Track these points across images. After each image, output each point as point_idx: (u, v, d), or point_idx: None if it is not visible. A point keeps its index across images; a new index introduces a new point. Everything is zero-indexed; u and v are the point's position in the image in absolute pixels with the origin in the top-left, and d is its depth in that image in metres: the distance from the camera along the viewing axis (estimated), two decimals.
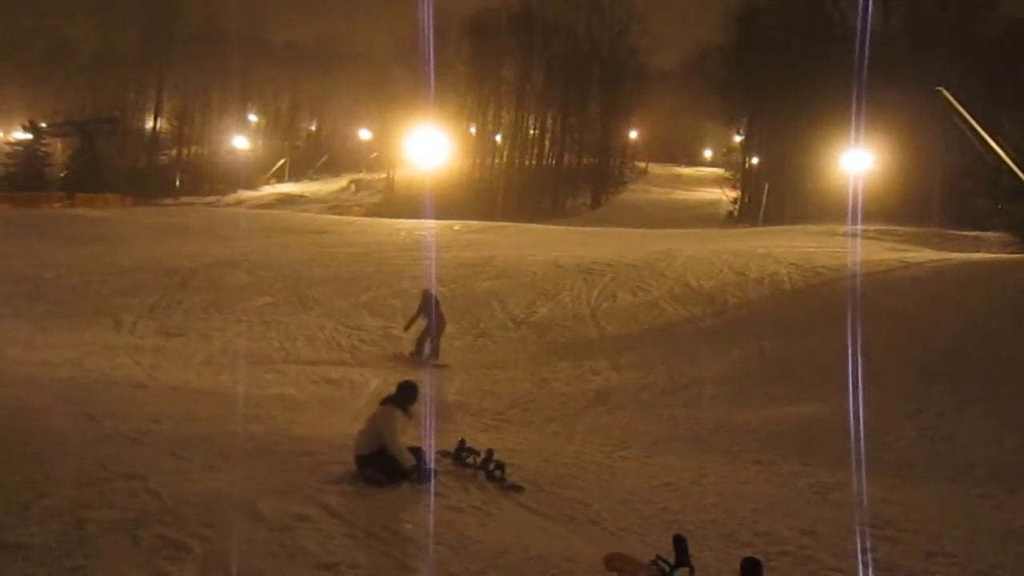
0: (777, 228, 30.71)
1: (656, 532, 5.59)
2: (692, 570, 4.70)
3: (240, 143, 60.28)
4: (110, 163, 51.50)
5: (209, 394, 10.26)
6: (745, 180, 51.63)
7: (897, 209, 32.55)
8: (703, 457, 8.59)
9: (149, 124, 62.44)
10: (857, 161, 30.34)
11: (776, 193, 44.78)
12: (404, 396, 6.92)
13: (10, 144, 52.56)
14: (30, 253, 21.21)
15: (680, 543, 4.81)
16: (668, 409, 10.71)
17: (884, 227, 27.45)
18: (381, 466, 6.24)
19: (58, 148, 53.10)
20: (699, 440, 9.35)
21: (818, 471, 7.97)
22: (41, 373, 10.60)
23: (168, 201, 49.01)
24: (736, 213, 48.74)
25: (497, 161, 58.42)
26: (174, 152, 61.31)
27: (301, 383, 11.33)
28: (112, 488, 5.64)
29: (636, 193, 57.53)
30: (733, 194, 51.62)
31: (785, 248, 20.06)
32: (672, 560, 4.74)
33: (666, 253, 19.40)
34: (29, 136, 51.46)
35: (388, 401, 6.91)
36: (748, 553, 4.76)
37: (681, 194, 57.20)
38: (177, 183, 56.55)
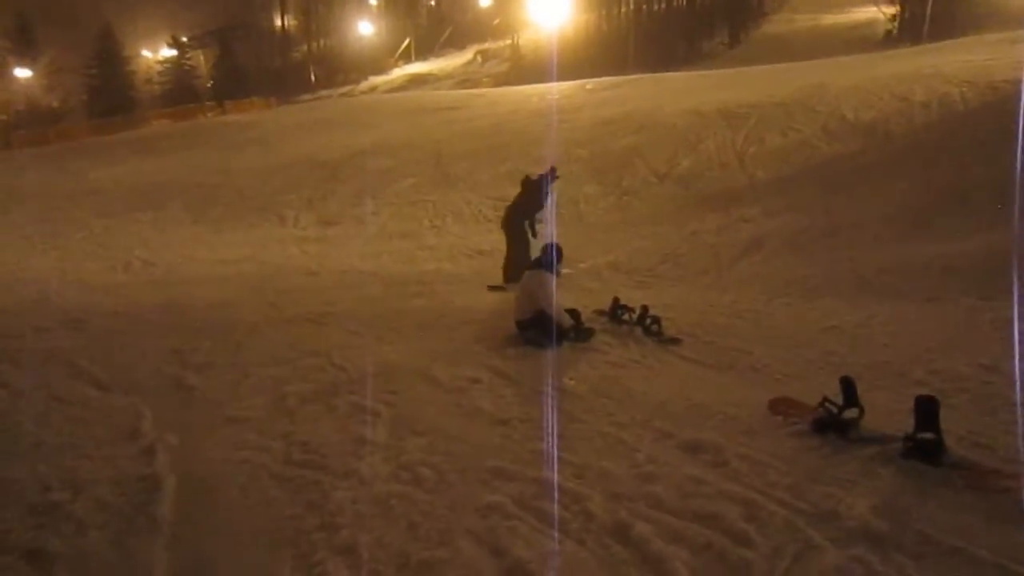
0: (946, 43, 27.38)
1: (822, 376, 5.50)
2: (862, 411, 4.63)
3: (365, 29, 60.65)
4: (249, 67, 53.62)
5: (373, 275, 10.94)
6: None
7: None
8: (870, 299, 8.23)
9: (277, 23, 63.83)
10: None
11: (943, 1, 39.67)
12: (551, 257, 7.06)
13: (160, 63, 55.90)
14: (195, 162, 22.93)
15: (848, 384, 4.73)
16: (828, 252, 10.25)
17: None
18: (541, 328, 6.49)
19: (201, 60, 55.82)
20: (864, 282, 8.92)
21: (999, 305, 7.42)
22: (226, 269, 11.71)
23: (307, 97, 50.65)
24: (895, 31, 43.80)
25: (624, 9, 55.23)
26: (305, 48, 62.63)
27: (455, 257, 11.81)
28: (303, 365, 6.27)
29: (778, 24, 52.91)
30: (891, 10, 46.22)
31: (956, 64, 17.93)
32: (840, 402, 4.69)
33: (817, 86, 17.95)
34: (175, 52, 54.45)
35: (537, 264, 7.08)
36: (923, 391, 4.61)
37: (830, 18, 51.95)
38: (312, 78, 58.09)
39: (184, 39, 55.81)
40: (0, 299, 9.84)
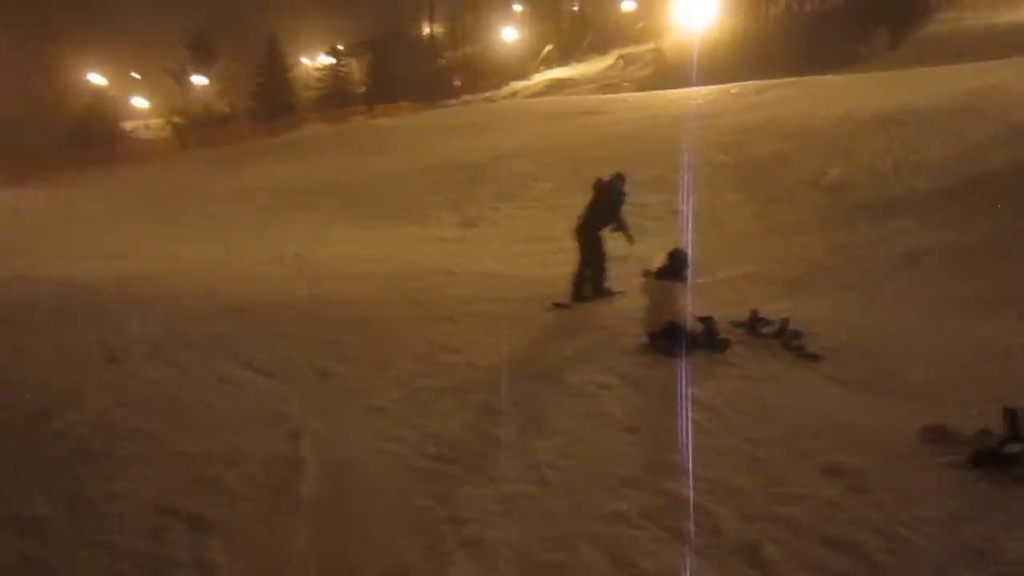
0: None
1: (983, 405, 5.06)
2: None
3: (508, 35, 61.82)
4: (398, 73, 55.95)
5: (508, 277, 11.12)
6: None
7: None
8: None
9: (426, 31, 66.26)
10: None
11: None
12: (677, 265, 6.91)
13: (318, 70, 59.62)
14: (345, 164, 24.17)
15: (1013, 415, 4.35)
16: (996, 271, 9.36)
17: None
18: (672, 337, 6.37)
19: (355, 67, 58.96)
20: None
21: None
22: (370, 267, 12.27)
23: (451, 102, 52.06)
24: None
25: (773, 11, 53.16)
26: (451, 55, 64.59)
27: None
28: (438, 361, 6.50)
29: (945, 23, 49.00)
30: None
31: None
32: (1003, 434, 4.31)
33: (988, 90, 16.52)
34: (332, 60, 57.96)
35: (663, 274, 6.94)
36: None
37: (1006, 16, 47.50)
38: (457, 83, 59.76)
39: (340, 47, 59.23)
40: (174, 286, 10.81)
